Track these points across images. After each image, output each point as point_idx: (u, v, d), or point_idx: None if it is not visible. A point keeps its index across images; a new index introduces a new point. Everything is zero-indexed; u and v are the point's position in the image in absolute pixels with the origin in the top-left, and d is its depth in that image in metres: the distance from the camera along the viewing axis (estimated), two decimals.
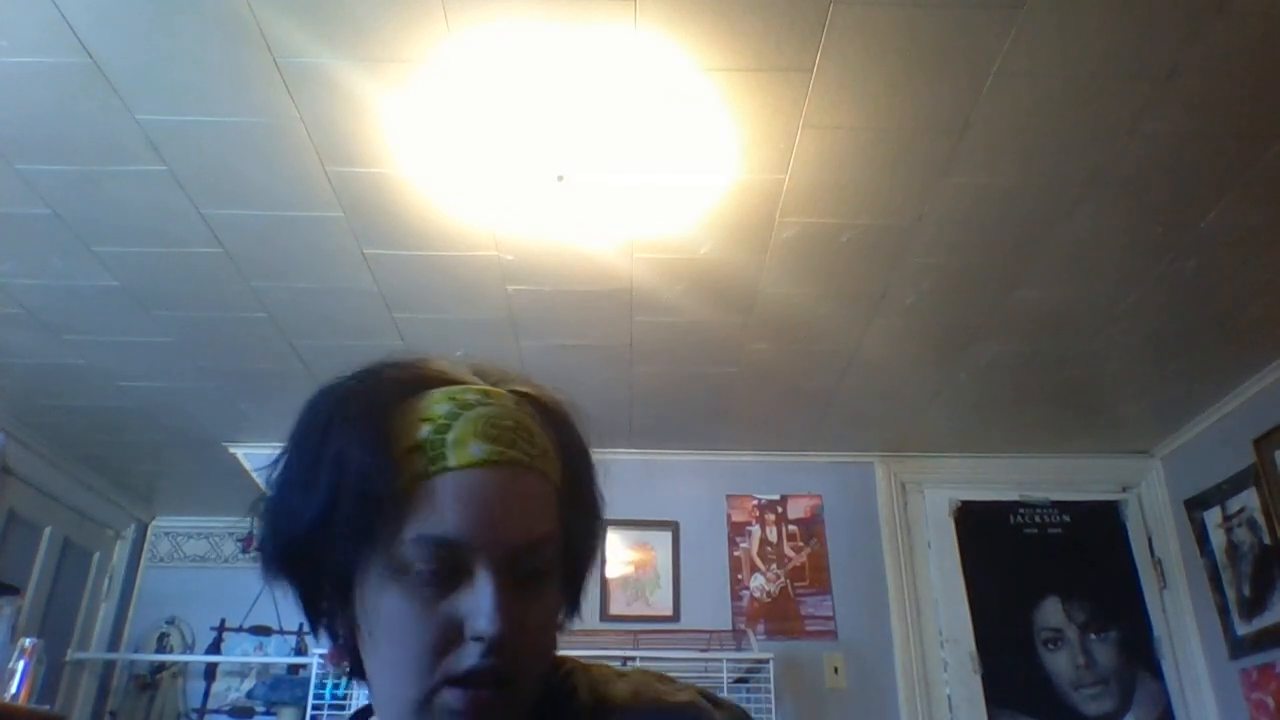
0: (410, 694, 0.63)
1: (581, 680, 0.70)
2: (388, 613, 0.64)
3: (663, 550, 3.63)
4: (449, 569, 0.63)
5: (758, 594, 3.60)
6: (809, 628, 3.54)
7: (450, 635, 0.63)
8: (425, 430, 0.66)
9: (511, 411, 0.69)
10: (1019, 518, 3.74)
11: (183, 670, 4.20)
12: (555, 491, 0.69)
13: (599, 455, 0.74)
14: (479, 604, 0.62)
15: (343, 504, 0.64)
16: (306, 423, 0.70)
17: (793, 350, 2.99)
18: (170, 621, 4.29)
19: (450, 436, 0.65)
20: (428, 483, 0.64)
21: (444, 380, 0.71)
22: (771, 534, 3.70)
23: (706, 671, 3.16)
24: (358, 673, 0.69)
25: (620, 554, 3.63)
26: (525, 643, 0.65)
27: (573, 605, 0.74)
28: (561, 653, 0.72)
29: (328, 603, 0.69)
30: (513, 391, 0.72)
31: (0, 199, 2.23)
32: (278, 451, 0.71)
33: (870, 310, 2.73)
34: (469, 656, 0.62)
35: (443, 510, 0.63)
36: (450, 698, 0.63)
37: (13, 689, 2.88)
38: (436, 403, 0.68)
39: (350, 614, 0.67)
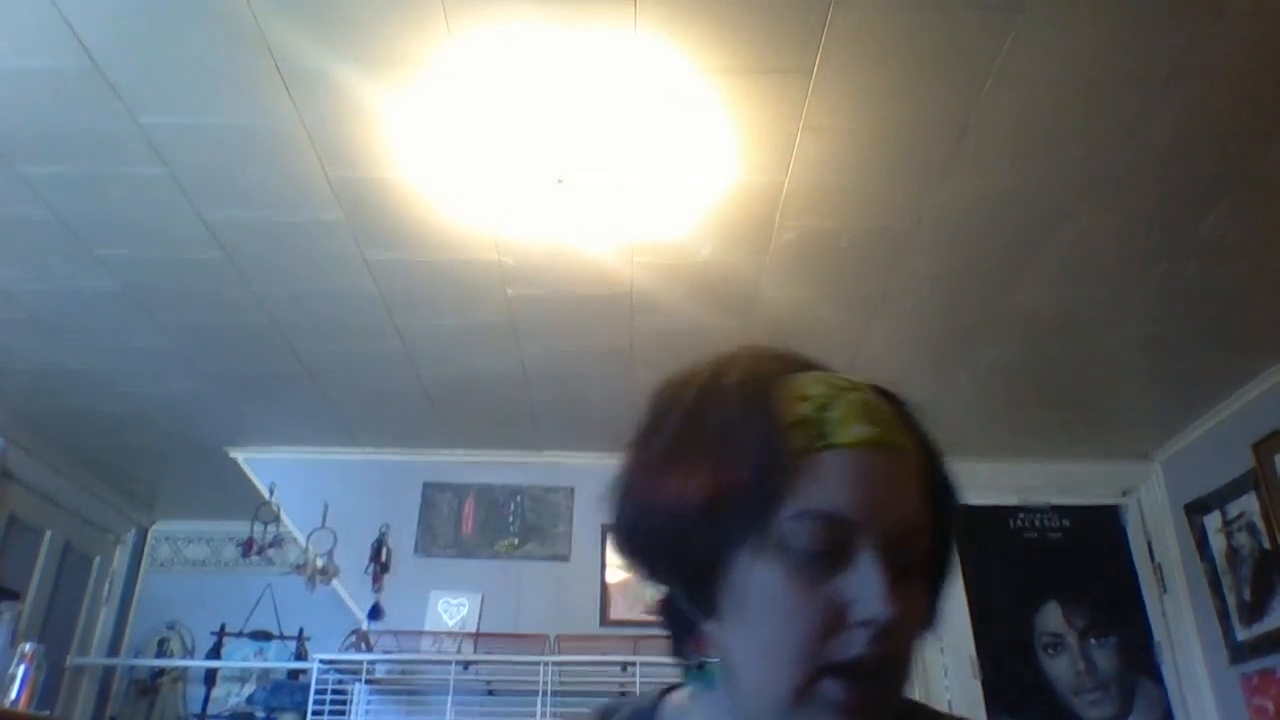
0: (787, 681, 0.60)
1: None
2: (761, 594, 0.61)
3: None
4: (831, 549, 0.60)
5: None
6: None
7: (832, 620, 0.59)
8: (805, 407, 0.64)
9: (880, 400, 0.67)
10: (1019, 522, 3.74)
11: (183, 675, 4.18)
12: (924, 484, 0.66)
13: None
14: (867, 586, 0.59)
15: (732, 478, 0.61)
16: (666, 408, 0.69)
17: None
18: (170, 626, 4.27)
19: (832, 415, 0.63)
20: (814, 458, 0.61)
21: (805, 365, 0.69)
22: None
23: None
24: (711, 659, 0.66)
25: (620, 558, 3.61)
26: (906, 635, 0.62)
27: (932, 613, 0.68)
28: None
29: (688, 587, 0.65)
30: (870, 385, 0.70)
31: (1, 202, 2.23)
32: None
33: (870, 313, 2.74)
34: (855, 643, 0.59)
35: (831, 486, 0.61)
36: (832, 690, 0.59)
37: (13, 694, 2.88)
38: (811, 383, 0.66)
39: (709, 596, 0.64)
